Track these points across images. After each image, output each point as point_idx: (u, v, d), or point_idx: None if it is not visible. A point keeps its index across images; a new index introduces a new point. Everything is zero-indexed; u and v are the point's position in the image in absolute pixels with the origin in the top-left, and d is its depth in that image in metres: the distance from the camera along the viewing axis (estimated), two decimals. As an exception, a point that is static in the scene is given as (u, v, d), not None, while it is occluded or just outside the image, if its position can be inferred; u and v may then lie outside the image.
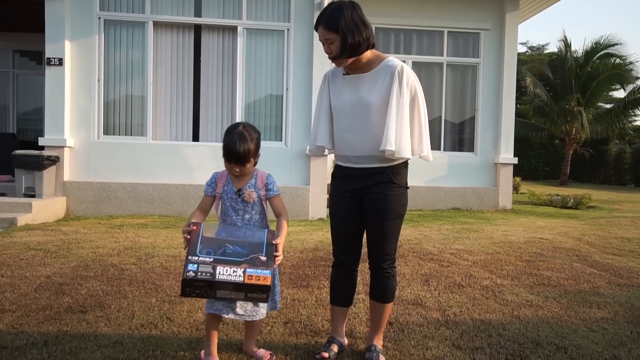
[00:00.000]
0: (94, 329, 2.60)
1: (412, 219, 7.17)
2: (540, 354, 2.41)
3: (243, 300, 2.06)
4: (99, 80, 7.14)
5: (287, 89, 7.48)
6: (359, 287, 3.42)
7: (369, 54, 2.23)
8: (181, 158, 7.26)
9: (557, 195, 10.79)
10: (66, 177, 6.98)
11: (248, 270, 1.95)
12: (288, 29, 7.43)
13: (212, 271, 1.93)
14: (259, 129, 2.34)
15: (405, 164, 2.31)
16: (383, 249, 2.30)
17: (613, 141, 21.12)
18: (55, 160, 6.72)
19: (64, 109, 6.93)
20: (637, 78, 17.89)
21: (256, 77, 7.53)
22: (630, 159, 19.36)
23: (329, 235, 5.82)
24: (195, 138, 7.48)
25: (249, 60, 7.48)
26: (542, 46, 28.52)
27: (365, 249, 2.40)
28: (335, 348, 2.36)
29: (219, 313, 2.17)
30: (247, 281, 1.94)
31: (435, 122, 8.92)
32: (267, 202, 2.33)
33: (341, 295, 2.44)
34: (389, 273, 2.34)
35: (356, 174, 2.30)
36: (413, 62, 8.74)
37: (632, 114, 18.26)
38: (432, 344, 2.52)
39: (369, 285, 2.40)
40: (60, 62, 6.90)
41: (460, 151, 9.08)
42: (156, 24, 7.27)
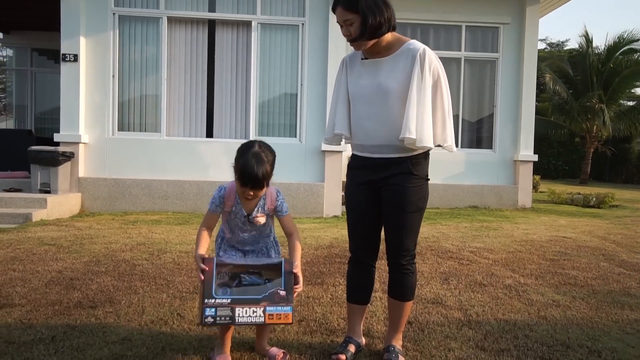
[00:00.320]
0: (102, 325, 2.53)
1: (429, 216, 7.01)
2: (572, 357, 2.26)
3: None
4: (113, 76, 7.12)
5: (301, 85, 7.37)
6: (376, 284, 3.29)
7: (389, 36, 2.10)
8: (195, 154, 7.21)
9: (579, 193, 10.50)
10: (81, 173, 6.98)
11: (268, 308, 1.91)
12: (303, 24, 7.33)
13: (231, 314, 1.89)
14: (273, 149, 2.14)
15: (425, 154, 2.18)
16: (402, 244, 2.17)
17: (636, 139, 20.54)
18: (70, 156, 6.72)
19: (79, 105, 6.93)
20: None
21: (270, 72, 7.44)
22: (653, 158, 18.83)
23: (344, 232, 5.73)
24: (209, 134, 7.42)
25: (264, 56, 7.39)
26: (562, 42, 27.99)
27: (383, 244, 2.28)
28: (352, 348, 2.24)
29: None
30: (268, 321, 1.92)
31: (453, 118, 8.72)
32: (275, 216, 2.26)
33: (358, 292, 2.32)
34: (408, 270, 2.21)
35: (373, 165, 2.17)
36: (430, 57, 8.56)
37: (656, 111, 17.74)
38: (455, 344, 2.39)
39: (388, 282, 2.28)
40: (76, 58, 6.90)
41: (478, 148, 8.87)
42: (170, 20, 7.23)
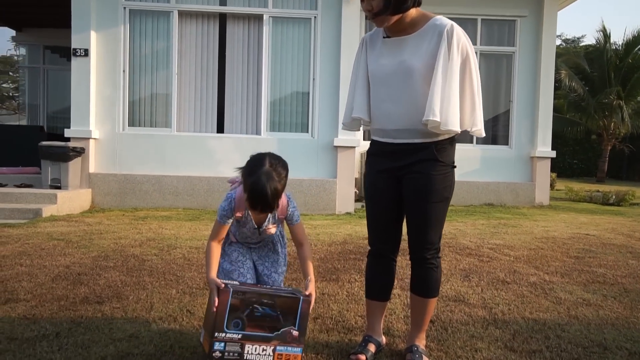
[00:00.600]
0: (109, 321, 2.41)
1: (444, 213, 6.82)
2: (610, 359, 2.09)
3: None
4: (124, 71, 7.05)
5: (313, 79, 7.23)
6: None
7: (414, 12, 1.94)
8: (206, 150, 7.10)
9: (598, 191, 10.22)
10: (91, 169, 6.92)
11: (278, 348, 1.85)
12: (315, 17, 7.19)
13: (240, 350, 1.82)
14: (286, 162, 1.98)
15: (451, 140, 2.02)
16: (426, 237, 2.02)
17: (654, 137, 20.07)
18: (80, 152, 6.66)
19: (89, 101, 6.87)
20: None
21: (282, 66, 7.31)
22: (673, 156, 18.37)
23: (357, 228, 5.58)
24: (220, 130, 7.32)
25: (275, 50, 7.26)
26: (578, 39, 27.48)
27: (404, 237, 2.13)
28: (373, 348, 2.09)
29: None
30: None
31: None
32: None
33: (378, 288, 2.18)
34: (432, 264, 2.06)
35: (395, 151, 2.01)
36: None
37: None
38: (482, 344, 2.24)
39: (410, 278, 2.13)
40: (86, 52, 6.84)
41: (494, 144, 8.66)
42: (181, 14, 7.14)
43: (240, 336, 1.82)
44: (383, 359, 2.09)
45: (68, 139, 6.82)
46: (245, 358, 1.82)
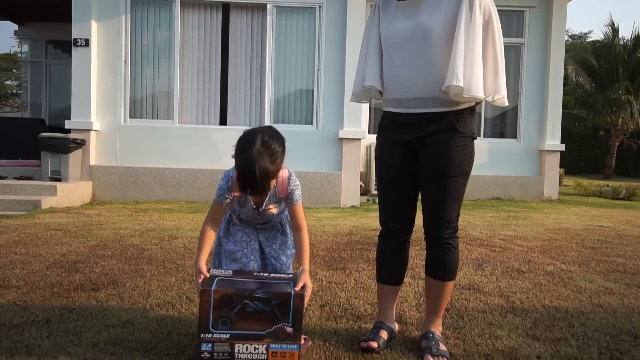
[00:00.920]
0: (103, 308, 2.28)
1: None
2: (643, 347, 1.94)
3: None
4: (125, 61, 6.92)
5: (318, 70, 7.09)
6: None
7: (430, -31, 1.80)
8: (208, 142, 6.97)
9: (607, 186, 10.04)
10: (92, 161, 6.80)
11: (272, 346, 1.72)
12: (320, 6, 7.04)
13: (229, 350, 1.71)
14: (282, 137, 1.80)
15: (471, 109, 1.87)
16: (443, 214, 1.87)
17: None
18: (81, 144, 6.54)
19: (90, 92, 6.75)
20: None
21: (286, 57, 7.16)
22: (682, 152, 18.12)
23: (364, 221, 5.42)
24: (223, 122, 7.18)
25: (279, 40, 7.12)
26: (585, 34, 27.19)
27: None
28: (385, 335, 1.94)
29: None
30: (271, 359, 1.72)
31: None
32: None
33: (390, 271, 2.02)
34: (450, 244, 1.91)
35: (410, 121, 1.86)
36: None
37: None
38: (501, 332, 2.08)
39: (425, 259, 1.98)
40: (87, 43, 6.71)
41: (501, 137, 8.49)
42: (183, 3, 7.00)
43: (228, 336, 1.70)
44: (396, 346, 1.94)
45: (69, 131, 6.71)
46: (237, 358, 1.71)
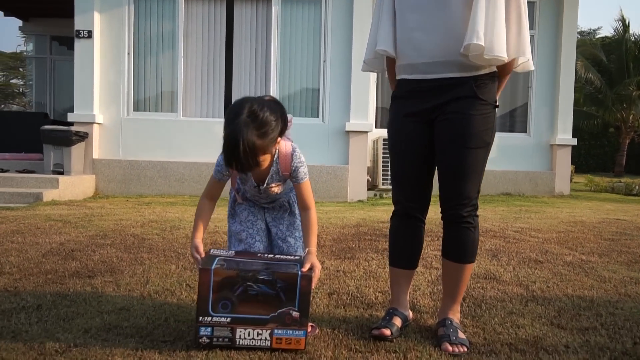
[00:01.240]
0: (98, 294, 2.15)
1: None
2: (681, 336, 1.78)
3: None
4: (128, 54, 6.82)
5: (324, 62, 6.95)
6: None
7: None
8: (213, 135, 6.84)
9: (620, 181, 9.83)
10: (95, 154, 6.70)
11: (276, 331, 1.59)
12: (326, -3, 6.90)
13: (230, 335, 1.59)
14: (277, 106, 1.64)
15: (492, 75, 1.72)
16: (462, 190, 1.72)
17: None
18: (83, 137, 6.44)
19: (93, 84, 6.65)
20: None
21: (291, 49, 7.03)
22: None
23: (371, 214, 5.28)
24: (228, 114, 7.06)
25: (284, 32, 6.99)
26: (594, 30, 26.86)
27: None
28: (398, 322, 1.79)
29: None
30: (275, 346, 1.58)
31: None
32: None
33: (404, 254, 1.88)
34: (469, 223, 1.77)
35: (426, 89, 1.71)
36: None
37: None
38: (524, 321, 1.93)
39: (442, 240, 1.84)
40: (90, 34, 6.61)
41: (511, 132, 8.29)
42: (187, -6, 6.89)
43: (229, 319, 1.57)
44: (410, 334, 1.80)
45: (71, 124, 6.61)
46: (237, 343, 1.58)
